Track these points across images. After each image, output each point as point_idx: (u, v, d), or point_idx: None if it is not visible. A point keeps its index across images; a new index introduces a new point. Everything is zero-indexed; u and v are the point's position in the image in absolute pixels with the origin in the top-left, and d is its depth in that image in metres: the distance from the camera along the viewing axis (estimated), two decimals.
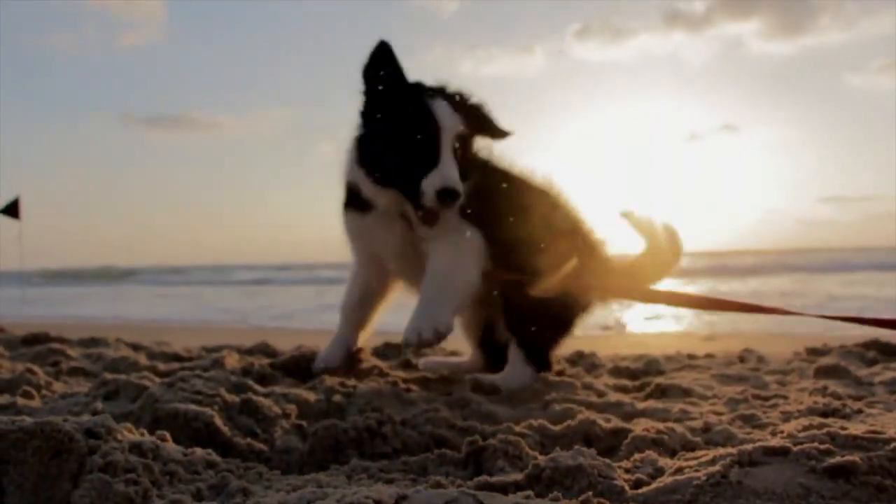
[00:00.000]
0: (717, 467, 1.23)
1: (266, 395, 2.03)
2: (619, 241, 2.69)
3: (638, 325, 7.10)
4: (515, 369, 2.42)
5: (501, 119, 2.35)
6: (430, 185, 2.10)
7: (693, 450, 1.60)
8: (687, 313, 7.69)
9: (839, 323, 1.92)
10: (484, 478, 1.33)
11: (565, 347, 3.12)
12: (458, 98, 2.26)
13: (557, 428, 1.78)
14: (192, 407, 1.77)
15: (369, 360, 3.04)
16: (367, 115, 2.27)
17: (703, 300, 2.21)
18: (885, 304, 8.69)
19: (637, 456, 1.49)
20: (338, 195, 2.53)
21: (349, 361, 2.59)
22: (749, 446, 1.28)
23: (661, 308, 8.14)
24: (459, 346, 3.52)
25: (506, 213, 2.34)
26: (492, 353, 2.67)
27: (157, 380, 2.10)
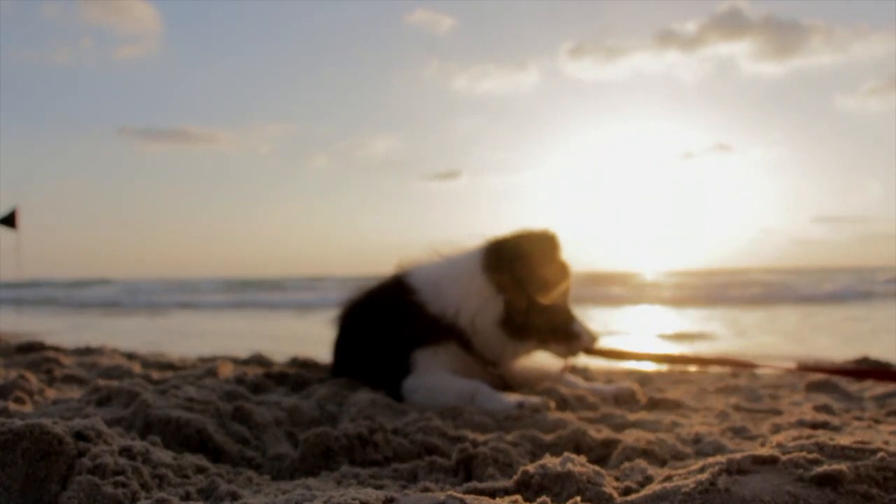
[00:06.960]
0: (705, 475, 1.23)
1: (259, 404, 2.03)
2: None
3: (632, 341, 7.09)
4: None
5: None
6: None
7: (683, 459, 1.60)
8: (681, 325, 7.69)
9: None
10: (473, 483, 1.33)
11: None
12: None
13: (548, 437, 1.78)
14: (184, 413, 1.77)
15: None
16: None
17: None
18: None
19: (627, 464, 1.49)
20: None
21: None
22: (738, 455, 1.28)
23: (655, 324, 8.14)
24: None
25: None
26: None
27: (151, 387, 2.10)
